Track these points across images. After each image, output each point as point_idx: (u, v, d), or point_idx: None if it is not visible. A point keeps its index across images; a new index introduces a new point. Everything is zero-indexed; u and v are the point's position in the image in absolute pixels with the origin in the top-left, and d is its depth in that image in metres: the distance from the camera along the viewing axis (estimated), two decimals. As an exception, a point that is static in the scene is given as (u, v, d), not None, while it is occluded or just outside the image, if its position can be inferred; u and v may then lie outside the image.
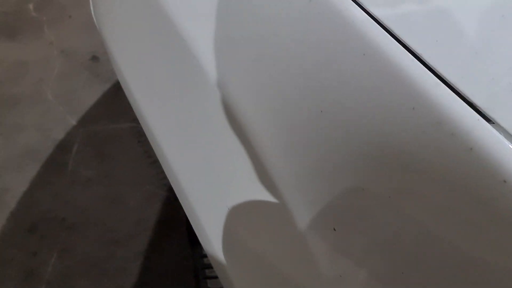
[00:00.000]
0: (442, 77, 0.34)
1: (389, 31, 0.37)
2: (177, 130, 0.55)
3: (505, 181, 0.30)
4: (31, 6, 1.69)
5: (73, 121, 1.48)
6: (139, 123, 0.59)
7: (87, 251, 1.35)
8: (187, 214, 0.55)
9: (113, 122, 1.48)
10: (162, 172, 0.76)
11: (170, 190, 1.34)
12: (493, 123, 0.32)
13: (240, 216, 0.48)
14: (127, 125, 1.46)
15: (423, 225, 0.35)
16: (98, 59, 1.60)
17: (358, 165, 0.38)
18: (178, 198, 0.56)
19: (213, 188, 0.51)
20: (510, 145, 0.31)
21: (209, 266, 0.92)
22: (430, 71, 0.35)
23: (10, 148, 1.45)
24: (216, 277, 0.91)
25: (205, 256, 0.91)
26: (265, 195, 0.45)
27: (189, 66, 0.51)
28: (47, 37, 1.64)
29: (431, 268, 0.35)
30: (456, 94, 0.33)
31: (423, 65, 0.35)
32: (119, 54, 0.64)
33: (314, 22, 0.40)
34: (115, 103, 1.52)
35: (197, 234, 0.54)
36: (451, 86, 0.34)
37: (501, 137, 0.31)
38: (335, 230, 0.40)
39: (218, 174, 0.50)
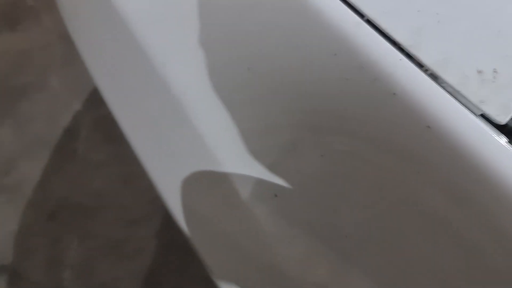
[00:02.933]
0: (363, 14, 0.29)
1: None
2: (138, 120, 0.54)
3: (429, 127, 0.26)
4: (27, -5, 1.69)
5: (79, 106, 1.49)
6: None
7: (106, 234, 1.37)
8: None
9: (118, 104, 1.48)
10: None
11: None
12: (422, 66, 0.27)
13: (192, 189, 0.46)
14: (135, 105, 1.45)
15: (352, 177, 0.32)
16: (100, 42, 1.58)
17: (289, 124, 0.34)
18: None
19: (168, 165, 0.50)
20: (434, 86, 0.26)
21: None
22: (351, 9, 0.30)
23: (22, 138, 1.47)
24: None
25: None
26: (210, 168, 0.42)
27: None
28: (46, 24, 1.63)
29: (369, 229, 0.32)
30: (378, 33, 0.29)
31: (344, 3, 0.30)
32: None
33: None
34: (121, 84, 1.50)
35: (168, 209, 0.54)
36: (373, 23, 0.29)
37: (424, 78, 0.26)
38: (276, 196, 0.37)
39: (169, 150, 0.49)
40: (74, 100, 1.49)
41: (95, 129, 1.45)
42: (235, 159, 0.40)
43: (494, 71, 0.25)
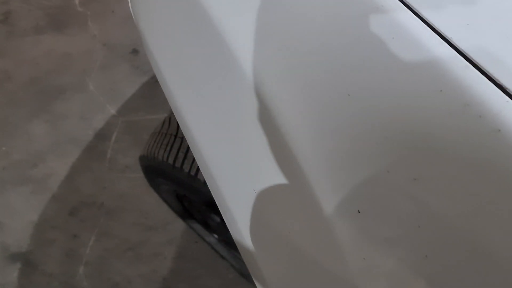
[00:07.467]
0: (472, 60, 0.35)
1: (418, 15, 0.37)
2: (209, 118, 0.55)
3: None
4: (76, 1, 1.77)
5: (113, 111, 1.54)
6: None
7: (123, 235, 1.40)
8: (214, 198, 0.55)
9: (150, 113, 1.53)
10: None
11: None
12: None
13: (267, 200, 0.48)
14: (163, 115, 1.51)
15: (448, 209, 0.35)
16: (138, 52, 1.65)
17: (385, 148, 0.38)
18: (207, 183, 0.56)
19: (240, 172, 0.50)
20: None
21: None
22: (459, 54, 0.35)
23: (55, 135, 1.52)
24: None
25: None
26: (292, 179, 0.45)
27: (221, 53, 0.51)
28: (91, 31, 1.71)
29: (454, 252, 0.35)
30: (486, 77, 0.34)
31: (453, 48, 0.36)
32: (156, 49, 0.63)
33: (343, 5, 0.41)
34: (152, 94, 1.56)
35: (224, 219, 0.54)
36: (481, 68, 0.34)
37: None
38: (359, 212, 0.40)
39: (245, 158, 0.50)
40: (108, 104, 1.55)
41: (126, 133, 1.50)
42: (321, 175, 0.42)
43: None
